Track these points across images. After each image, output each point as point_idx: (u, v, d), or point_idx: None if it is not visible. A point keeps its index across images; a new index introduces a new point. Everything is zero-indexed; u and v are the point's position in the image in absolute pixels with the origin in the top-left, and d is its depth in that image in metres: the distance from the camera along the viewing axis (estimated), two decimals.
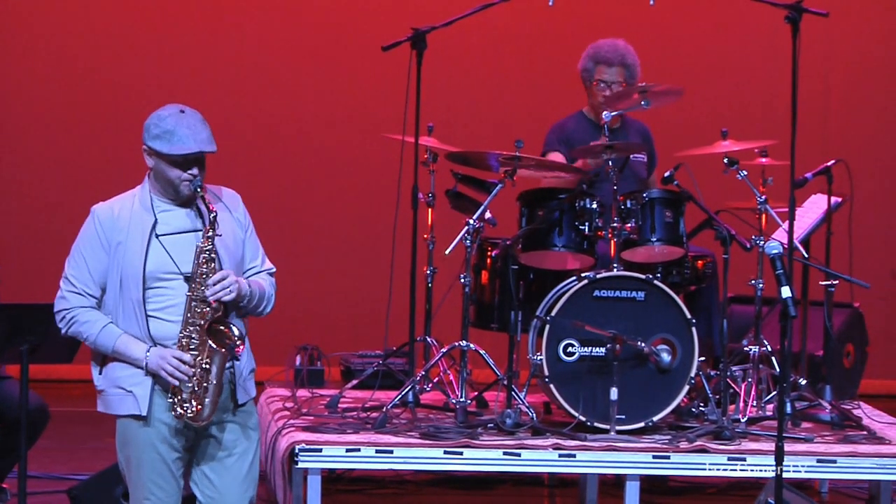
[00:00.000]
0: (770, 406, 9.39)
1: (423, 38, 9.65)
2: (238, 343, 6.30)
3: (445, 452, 8.78)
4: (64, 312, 6.41)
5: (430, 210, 9.73)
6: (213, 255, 6.33)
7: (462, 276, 9.27)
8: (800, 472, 8.82)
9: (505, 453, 8.78)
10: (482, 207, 9.23)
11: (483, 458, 8.79)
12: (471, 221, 9.20)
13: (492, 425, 9.05)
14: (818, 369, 9.95)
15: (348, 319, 12.10)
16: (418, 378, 9.42)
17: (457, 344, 9.28)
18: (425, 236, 9.75)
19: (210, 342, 6.28)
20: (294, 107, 13.30)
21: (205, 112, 6.49)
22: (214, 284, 6.29)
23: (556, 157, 9.64)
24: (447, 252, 9.26)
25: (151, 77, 13.19)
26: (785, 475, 7.06)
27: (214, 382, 6.29)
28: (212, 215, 6.33)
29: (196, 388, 6.28)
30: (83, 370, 6.63)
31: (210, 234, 6.33)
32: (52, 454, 10.16)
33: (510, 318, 9.28)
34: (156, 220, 6.37)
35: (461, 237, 9.20)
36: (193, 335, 6.30)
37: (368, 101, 12.58)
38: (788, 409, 9.19)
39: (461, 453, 8.77)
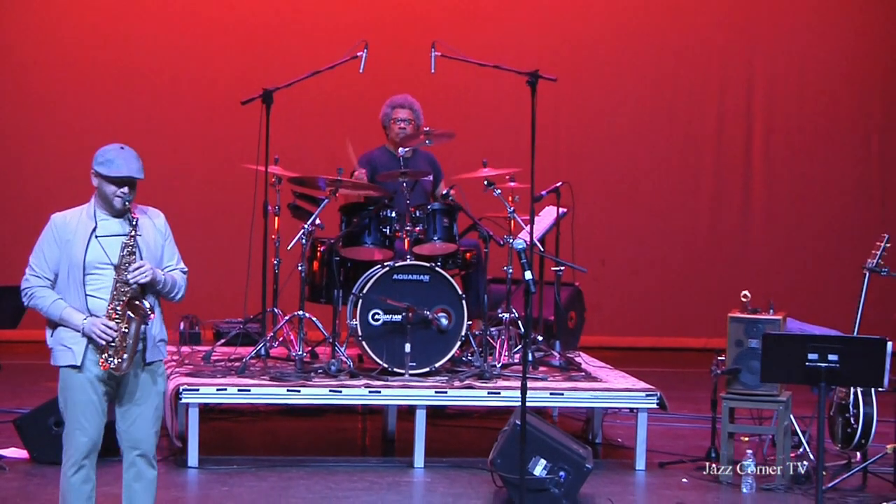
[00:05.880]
0: (517, 355, 9.47)
1: (270, 95, 9.62)
2: (149, 313, 6.27)
3: (288, 390, 8.77)
4: (27, 289, 6.35)
5: (276, 218, 9.70)
6: (133, 250, 6.29)
7: (299, 265, 9.27)
8: (538, 402, 8.96)
9: (330, 391, 8.80)
10: (314, 216, 9.23)
11: (315, 394, 8.80)
12: (306, 226, 9.20)
13: (321, 371, 9.07)
14: (550, 329, 10.04)
15: (218, 295, 12.02)
16: (268, 338, 9.41)
17: (296, 313, 9.28)
18: (273, 237, 9.71)
19: (129, 313, 6.24)
20: (177, 146, 13.24)
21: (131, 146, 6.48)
22: (134, 270, 6.27)
23: (362, 174, 9.65)
24: (289, 248, 9.27)
25: (60, 113, 13.08)
26: (528, 404, 7.14)
27: (131, 342, 6.23)
28: (134, 220, 6.32)
29: (118, 347, 6.24)
30: (26, 334, 6.55)
31: (132, 233, 6.31)
32: (1, 394, 10.02)
33: (334, 294, 9.30)
34: (96, 225, 6.33)
35: (299, 237, 9.20)
36: (118, 308, 6.25)
37: (231, 140, 12.52)
38: (530, 358, 9.30)
39: (299, 391, 8.78)
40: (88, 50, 13.21)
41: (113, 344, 6.22)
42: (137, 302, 6.25)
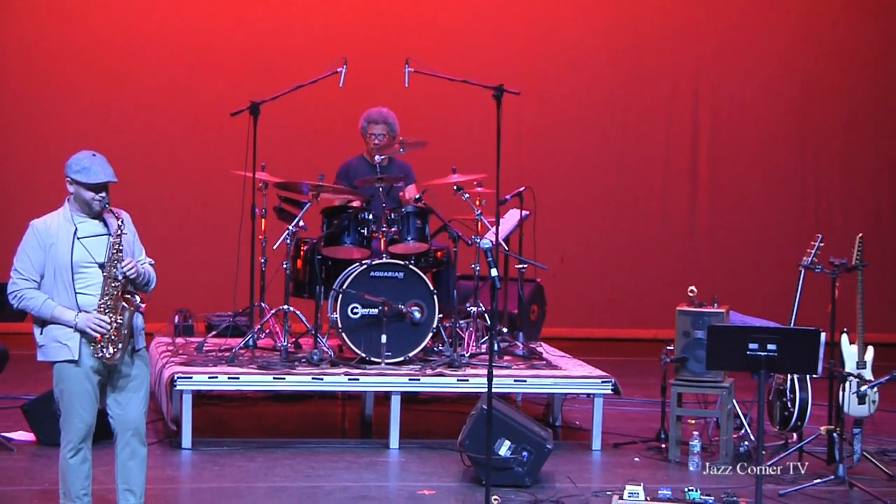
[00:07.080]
0: (484, 346, 9.48)
1: (257, 107, 9.61)
2: (141, 305, 6.27)
3: (274, 378, 8.77)
4: (15, 292, 6.30)
5: (263, 220, 9.69)
6: (121, 247, 6.28)
7: (284, 263, 9.27)
8: (503, 388, 8.97)
9: (313, 378, 8.80)
10: (297, 218, 9.23)
11: (299, 381, 8.81)
12: (290, 227, 9.20)
13: (304, 360, 9.07)
14: (514, 322, 10.04)
15: (210, 291, 12.00)
16: (256, 329, 9.40)
17: (281, 307, 9.28)
18: (260, 237, 9.70)
19: (124, 304, 6.23)
20: (172, 154, 13.20)
21: (126, 160, 6.45)
22: (125, 266, 6.25)
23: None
24: (275, 247, 9.27)
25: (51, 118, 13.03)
26: (493, 390, 7.15)
27: (126, 332, 6.23)
28: (119, 221, 6.30)
29: (113, 338, 6.22)
30: (32, 326, 6.50)
31: (120, 233, 6.29)
32: (10, 382, 9.97)
33: (316, 290, 9.30)
34: (76, 228, 6.30)
35: (284, 237, 9.20)
36: (109, 302, 6.23)
37: (222, 148, 12.49)
38: (495, 348, 9.32)
39: (284, 378, 8.78)
40: (89, 62, 13.13)
41: (106, 336, 6.21)
42: (129, 295, 6.25)
